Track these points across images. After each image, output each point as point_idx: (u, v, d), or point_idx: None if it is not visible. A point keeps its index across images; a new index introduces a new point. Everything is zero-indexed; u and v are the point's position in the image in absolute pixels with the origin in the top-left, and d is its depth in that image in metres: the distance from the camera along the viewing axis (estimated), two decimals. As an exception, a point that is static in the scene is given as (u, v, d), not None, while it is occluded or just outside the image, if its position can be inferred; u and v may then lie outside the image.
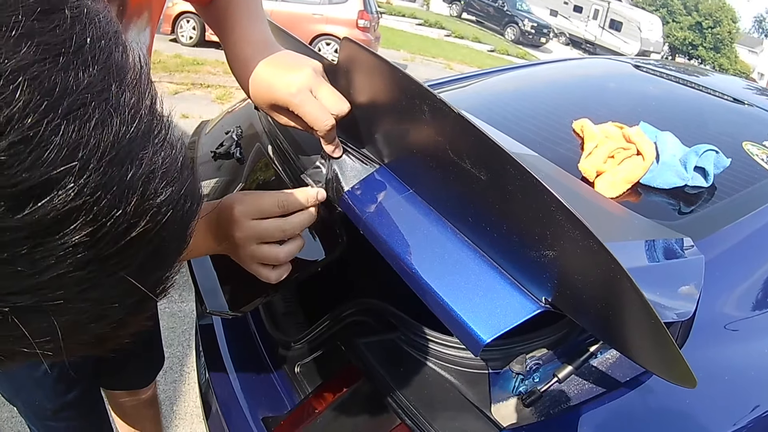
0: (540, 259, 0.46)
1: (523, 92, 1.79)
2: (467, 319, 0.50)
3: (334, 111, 0.62)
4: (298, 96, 0.61)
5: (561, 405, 0.80)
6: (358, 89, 0.63)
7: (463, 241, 0.57)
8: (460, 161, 0.48)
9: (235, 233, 0.62)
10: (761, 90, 2.15)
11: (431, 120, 0.51)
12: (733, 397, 0.89)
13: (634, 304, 0.44)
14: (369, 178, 0.67)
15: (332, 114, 0.61)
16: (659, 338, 0.47)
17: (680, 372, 0.52)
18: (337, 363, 0.89)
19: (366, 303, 0.88)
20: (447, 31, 17.43)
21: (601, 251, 0.39)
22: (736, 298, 1.04)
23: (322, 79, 0.63)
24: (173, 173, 0.29)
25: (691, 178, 1.15)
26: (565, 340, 0.79)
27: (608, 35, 24.90)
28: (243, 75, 0.68)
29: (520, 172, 0.41)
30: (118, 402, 1.30)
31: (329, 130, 0.62)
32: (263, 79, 0.65)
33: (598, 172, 1.14)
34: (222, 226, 0.63)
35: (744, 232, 1.11)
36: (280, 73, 0.64)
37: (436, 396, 0.73)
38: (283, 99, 0.63)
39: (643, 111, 1.58)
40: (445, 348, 0.76)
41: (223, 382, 1.17)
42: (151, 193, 0.28)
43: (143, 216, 0.27)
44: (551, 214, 0.41)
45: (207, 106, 5.40)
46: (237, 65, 0.69)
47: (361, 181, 0.67)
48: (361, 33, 8.07)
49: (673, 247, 0.92)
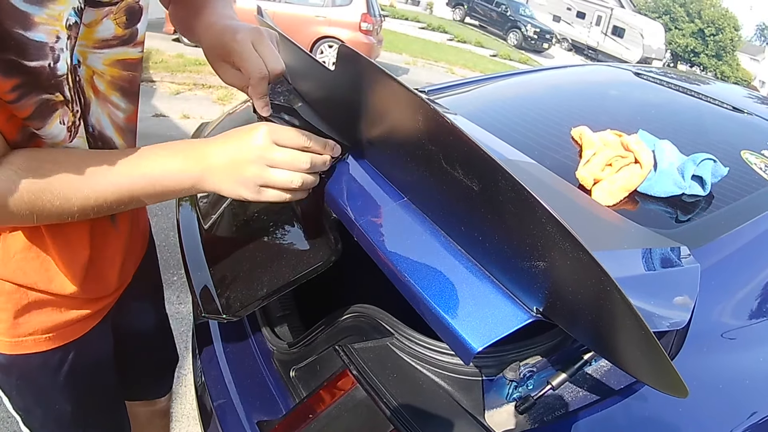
0: (531, 269, 0.47)
1: (522, 99, 1.80)
2: (458, 327, 0.50)
3: (270, 65, 0.67)
4: (240, 43, 0.67)
5: (555, 412, 0.80)
6: (354, 97, 0.64)
7: (456, 250, 0.57)
8: (453, 171, 0.48)
9: (254, 150, 0.63)
10: (761, 99, 2.16)
11: (425, 129, 0.51)
12: (727, 406, 0.89)
13: (624, 314, 0.44)
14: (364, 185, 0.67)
15: (267, 68, 0.66)
16: (650, 348, 0.47)
17: (671, 381, 0.53)
18: (332, 368, 0.89)
19: (361, 308, 0.88)
20: (450, 35, 17.47)
21: (591, 263, 0.39)
22: (732, 307, 1.04)
23: (266, 38, 0.69)
24: None
25: (688, 186, 1.15)
26: (559, 347, 0.79)
27: (611, 41, 24.93)
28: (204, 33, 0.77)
29: (511, 183, 0.41)
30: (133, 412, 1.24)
31: (261, 79, 0.67)
32: (216, 29, 0.73)
33: (596, 180, 1.14)
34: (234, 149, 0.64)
35: (741, 241, 1.11)
36: (232, 25, 0.72)
37: (429, 402, 0.73)
38: (228, 44, 0.69)
39: (643, 119, 1.58)
40: (439, 354, 0.76)
41: (218, 385, 1.17)
42: None
43: None
44: (542, 225, 0.41)
45: (208, 107, 5.42)
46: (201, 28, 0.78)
47: (356, 188, 0.67)
48: (363, 36, 8.07)
49: (669, 255, 0.92)
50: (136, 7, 0.70)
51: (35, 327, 0.77)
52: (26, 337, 0.77)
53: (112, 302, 0.90)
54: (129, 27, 0.71)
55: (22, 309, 0.75)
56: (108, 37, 0.68)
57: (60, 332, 0.80)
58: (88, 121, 0.70)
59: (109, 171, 0.63)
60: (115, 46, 0.70)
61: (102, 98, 0.71)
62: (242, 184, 0.65)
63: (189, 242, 1.01)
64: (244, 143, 0.64)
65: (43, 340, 0.78)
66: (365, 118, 0.65)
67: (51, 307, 0.77)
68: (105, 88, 0.71)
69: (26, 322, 0.76)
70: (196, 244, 1.01)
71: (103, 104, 0.72)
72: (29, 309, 0.75)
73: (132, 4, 0.69)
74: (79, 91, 0.66)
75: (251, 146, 0.63)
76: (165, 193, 0.66)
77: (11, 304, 0.74)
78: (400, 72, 10.02)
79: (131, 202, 0.65)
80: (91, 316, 0.85)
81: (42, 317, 0.77)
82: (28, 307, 0.75)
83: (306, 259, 0.75)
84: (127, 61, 0.72)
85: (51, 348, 0.80)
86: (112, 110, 0.74)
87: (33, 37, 0.53)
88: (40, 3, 0.52)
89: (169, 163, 0.65)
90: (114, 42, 0.69)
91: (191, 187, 0.67)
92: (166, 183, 0.65)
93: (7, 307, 0.74)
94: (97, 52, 0.67)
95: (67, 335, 0.81)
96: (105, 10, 0.66)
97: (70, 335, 0.82)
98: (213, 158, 0.65)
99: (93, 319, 0.85)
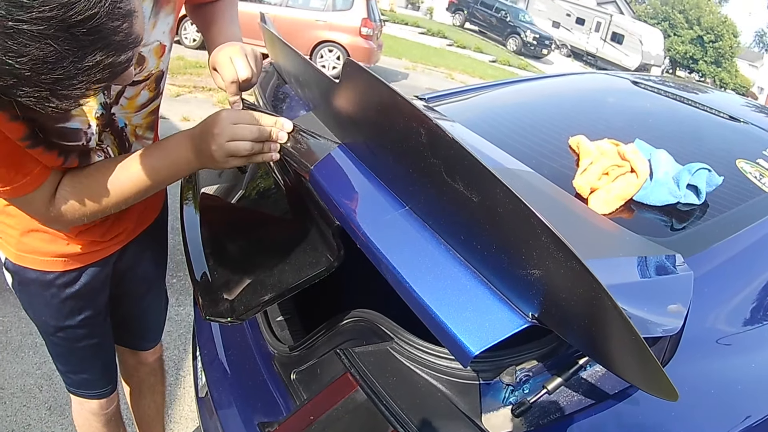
0: (527, 277, 0.49)
1: (521, 107, 1.82)
2: (457, 331, 0.52)
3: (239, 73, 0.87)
4: (221, 56, 0.88)
5: (550, 416, 0.81)
6: (358, 109, 0.66)
7: (455, 258, 0.59)
8: (453, 183, 0.50)
9: (215, 131, 0.79)
10: (756, 107, 2.18)
11: (427, 143, 0.53)
12: (719, 410, 0.91)
13: (615, 321, 0.46)
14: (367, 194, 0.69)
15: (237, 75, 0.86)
16: (640, 354, 0.49)
17: (662, 386, 0.54)
18: (333, 371, 0.91)
19: (361, 313, 0.90)
20: (449, 40, 17.51)
21: (583, 272, 0.41)
22: (725, 314, 1.05)
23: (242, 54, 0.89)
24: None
25: (683, 195, 1.17)
26: (555, 352, 0.81)
27: (610, 48, 24.99)
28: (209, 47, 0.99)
29: (508, 196, 0.43)
30: (122, 358, 1.41)
31: (231, 83, 0.87)
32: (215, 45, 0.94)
33: (593, 188, 1.16)
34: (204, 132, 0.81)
35: (734, 249, 1.13)
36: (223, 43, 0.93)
37: (428, 405, 0.75)
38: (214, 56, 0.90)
39: (639, 127, 1.60)
40: (438, 358, 0.77)
41: (219, 386, 1.19)
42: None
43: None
44: (537, 236, 0.43)
45: (208, 110, 5.43)
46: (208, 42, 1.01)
47: (360, 197, 0.69)
48: (364, 41, 8.09)
49: (663, 263, 0.94)
50: (161, 74, 0.95)
51: (35, 248, 0.98)
52: (28, 253, 0.98)
53: (112, 249, 1.08)
54: (157, 88, 0.96)
55: (27, 232, 0.96)
56: (145, 102, 0.95)
57: (54, 260, 1.00)
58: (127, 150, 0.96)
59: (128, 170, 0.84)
60: (149, 105, 0.96)
61: (140, 139, 0.99)
62: (215, 157, 0.80)
63: (193, 245, 1.03)
64: (210, 127, 0.80)
65: (39, 260, 0.99)
66: (367, 129, 0.67)
67: (50, 237, 0.97)
68: (142, 132, 0.99)
69: (29, 243, 0.97)
70: (199, 246, 1.02)
71: (140, 141, 0.99)
72: (32, 233, 0.96)
73: (159, 74, 0.94)
74: (125, 139, 0.94)
75: (214, 128, 0.79)
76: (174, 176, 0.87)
77: (20, 226, 0.95)
78: (400, 77, 10.05)
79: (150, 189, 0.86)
80: (87, 255, 1.03)
81: (42, 243, 0.97)
82: (31, 232, 0.96)
83: (310, 263, 0.77)
84: (155, 108, 1.00)
85: (44, 270, 1.00)
86: (145, 142, 1.00)
87: (70, 126, 0.80)
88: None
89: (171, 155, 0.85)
90: (148, 103, 0.96)
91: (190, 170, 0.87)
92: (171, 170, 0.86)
93: (17, 227, 0.95)
94: (138, 113, 0.94)
95: (60, 264, 1.01)
96: (141, 85, 0.91)
97: (62, 265, 1.01)
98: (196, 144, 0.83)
99: (88, 257, 1.04)
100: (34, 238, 0.97)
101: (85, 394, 1.23)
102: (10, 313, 2.22)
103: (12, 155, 0.73)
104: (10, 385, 1.92)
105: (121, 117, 0.91)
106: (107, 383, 1.25)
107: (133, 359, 1.43)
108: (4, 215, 0.95)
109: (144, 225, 1.16)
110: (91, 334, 1.14)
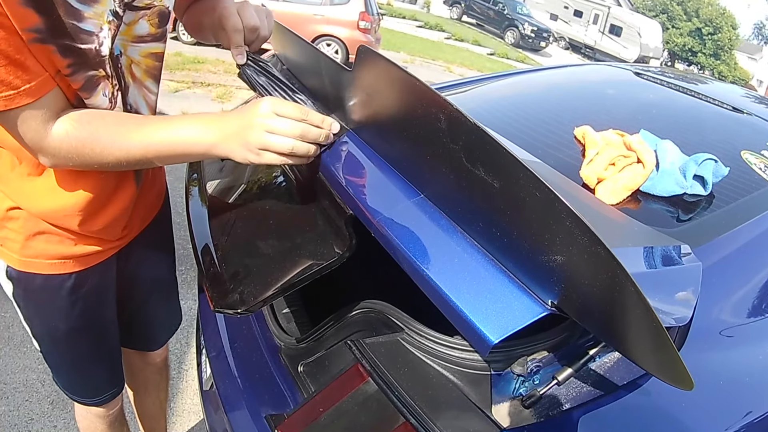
0: (548, 263, 0.48)
1: (525, 98, 1.81)
2: (476, 320, 0.52)
3: (245, 21, 0.86)
4: (227, 9, 0.87)
5: (560, 407, 0.81)
6: (374, 96, 0.65)
7: (473, 245, 0.59)
8: (474, 169, 0.49)
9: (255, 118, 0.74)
10: (759, 99, 2.18)
11: (447, 128, 0.53)
12: (728, 402, 0.91)
13: (637, 308, 0.45)
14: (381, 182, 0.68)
15: (243, 24, 0.86)
16: (660, 341, 0.49)
17: (678, 374, 0.54)
18: (341, 363, 0.90)
19: (370, 304, 0.89)
20: (447, 33, 17.46)
21: (609, 258, 0.41)
22: (733, 305, 1.05)
23: (249, 5, 0.88)
24: None
25: (690, 186, 1.17)
26: (565, 343, 0.80)
27: (608, 40, 24.95)
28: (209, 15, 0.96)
29: (533, 181, 0.43)
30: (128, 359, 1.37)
31: (236, 31, 0.86)
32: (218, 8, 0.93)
33: (599, 179, 1.16)
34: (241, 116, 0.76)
35: (741, 240, 1.13)
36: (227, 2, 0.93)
37: (439, 396, 0.74)
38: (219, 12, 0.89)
39: (644, 118, 1.59)
40: (449, 349, 0.77)
41: (225, 379, 1.18)
42: None
43: None
44: (561, 221, 0.43)
45: (207, 105, 5.41)
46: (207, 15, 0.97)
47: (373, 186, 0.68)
48: (361, 34, 8.07)
49: (671, 253, 0.94)
50: (165, 11, 0.89)
51: (41, 252, 0.93)
52: (33, 258, 0.94)
53: (117, 248, 1.05)
54: (160, 27, 0.90)
55: (33, 235, 0.91)
56: (143, 34, 0.87)
57: (62, 262, 0.96)
58: (127, 101, 0.88)
59: (142, 129, 0.78)
60: (149, 42, 0.89)
61: (138, 83, 0.90)
62: (246, 147, 0.75)
63: (200, 236, 1.02)
64: (249, 113, 0.75)
65: (46, 264, 0.95)
66: (384, 115, 0.66)
67: (57, 238, 0.93)
68: (141, 74, 0.90)
69: (34, 247, 0.92)
70: (207, 238, 1.02)
71: (140, 88, 0.90)
72: (39, 236, 0.92)
73: (163, 9, 0.88)
74: (121, 75, 0.85)
75: (254, 114, 0.74)
76: (185, 154, 0.80)
77: (25, 229, 0.91)
78: (398, 70, 10.01)
79: (156, 158, 0.79)
80: (93, 255, 1.00)
81: (48, 245, 0.93)
82: (38, 235, 0.91)
83: (321, 253, 0.76)
84: (157, 53, 0.92)
85: (52, 273, 0.96)
86: (146, 93, 0.93)
87: (83, 26, 0.73)
88: (88, 3, 0.72)
89: (191, 130, 0.78)
90: (148, 38, 0.88)
91: (206, 152, 0.79)
92: (187, 145, 0.78)
93: (21, 231, 0.91)
94: (135, 45, 0.87)
95: (68, 266, 0.97)
96: (141, 13, 0.85)
97: (70, 267, 0.97)
98: (226, 128, 0.77)
99: (95, 258, 1.00)
100: (41, 240, 0.92)
101: (92, 402, 1.20)
102: (12, 309, 2.20)
103: (14, 53, 0.64)
104: (13, 380, 1.92)
105: (117, 44, 0.82)
106: (114, 386, 1.22)
107: (140, 360, 1.41)
108: (7, 220, 0.90)
109: (147, 221, 1.13)
110: (102, 336, 1.11)
